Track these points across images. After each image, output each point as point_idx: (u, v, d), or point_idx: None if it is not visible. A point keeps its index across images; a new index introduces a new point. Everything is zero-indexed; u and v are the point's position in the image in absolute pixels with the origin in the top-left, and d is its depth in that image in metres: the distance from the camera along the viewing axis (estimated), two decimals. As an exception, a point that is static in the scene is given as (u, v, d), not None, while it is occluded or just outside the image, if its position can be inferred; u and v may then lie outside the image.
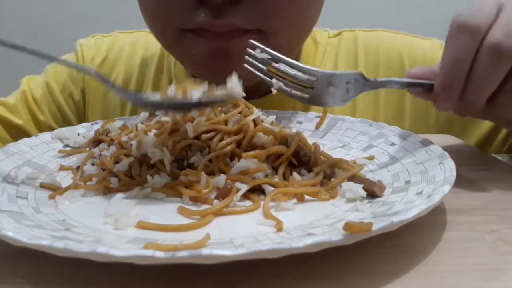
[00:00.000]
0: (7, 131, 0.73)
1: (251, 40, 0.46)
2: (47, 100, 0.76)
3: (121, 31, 0.83)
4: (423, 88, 0.45)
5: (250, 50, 0.46)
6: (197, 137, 0.44)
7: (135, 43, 0.79)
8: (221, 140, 0.44)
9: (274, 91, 0.45)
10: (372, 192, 0.38)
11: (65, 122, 0.76)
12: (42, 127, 0.75)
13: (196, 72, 0.66)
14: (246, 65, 0.46)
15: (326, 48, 0.74)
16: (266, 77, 0.45)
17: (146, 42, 0.78)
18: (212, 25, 0.55)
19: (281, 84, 0.45)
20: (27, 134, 0.71)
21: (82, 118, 0.76)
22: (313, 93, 0.44)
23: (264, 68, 0.45)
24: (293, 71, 0.44)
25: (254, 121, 0.45)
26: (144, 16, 0.62)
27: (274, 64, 0.45)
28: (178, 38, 0.59)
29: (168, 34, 0.60)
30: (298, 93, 0.44)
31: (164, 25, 0.60)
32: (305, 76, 0.44)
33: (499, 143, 0.67)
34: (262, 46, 0.46)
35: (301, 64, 0.44)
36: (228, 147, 0.43)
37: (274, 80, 0.45)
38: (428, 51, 0.72)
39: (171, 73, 0.75)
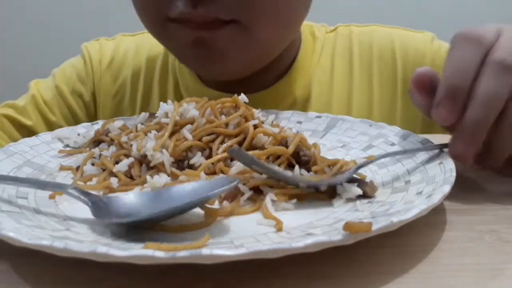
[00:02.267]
0: (19, 132, 0.74)
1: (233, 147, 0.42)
2: (58, 102, 0.77)
3: (124, 34, 0.83)
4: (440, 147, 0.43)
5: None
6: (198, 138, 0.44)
7: (139, 46, 0.80)
8: (222, 142, 0.44)
9: None
10: (364, 192, 0.38)
11: (77, 123, 0.76)
12: (53, 128, 0.74)
13: (181, 61, 0.69)
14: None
15: (324, 43, 0.75)
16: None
17: (150, 44, 0.78)
18: (191, 14, 0.56)
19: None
20: None
21: (93, 119, 0.77)
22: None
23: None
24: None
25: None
26: (135, 9, 0.63)
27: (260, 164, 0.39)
28: (163, 28, 0.61)
29: (154, 24, 0.63)
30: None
31: (150, 15, 0.62)
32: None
33: None
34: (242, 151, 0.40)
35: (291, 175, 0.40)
36: (230, 150, 0.44)
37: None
38: (419, 44, 0.73)
39: (176, 73, 0.75)
